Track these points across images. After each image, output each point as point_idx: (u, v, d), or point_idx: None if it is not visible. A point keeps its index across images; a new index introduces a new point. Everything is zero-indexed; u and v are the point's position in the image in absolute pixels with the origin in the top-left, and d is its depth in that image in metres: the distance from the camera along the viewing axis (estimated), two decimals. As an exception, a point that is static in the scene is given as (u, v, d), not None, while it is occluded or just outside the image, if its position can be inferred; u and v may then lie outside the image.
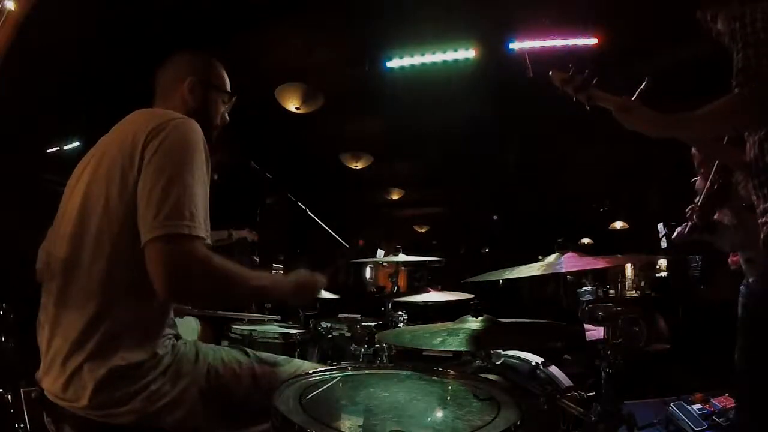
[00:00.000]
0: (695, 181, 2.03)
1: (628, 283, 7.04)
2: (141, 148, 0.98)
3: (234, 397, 1.10)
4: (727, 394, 2.66)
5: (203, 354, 1.12)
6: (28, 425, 1.87)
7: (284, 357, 1.27)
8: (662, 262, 6.12)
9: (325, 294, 2.66)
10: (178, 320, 1.26)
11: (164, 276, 0.90)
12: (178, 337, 1.13)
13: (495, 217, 9.39)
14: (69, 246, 1.02)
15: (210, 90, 1.22)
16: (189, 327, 2.19)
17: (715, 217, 1.93)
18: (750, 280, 1.65)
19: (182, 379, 1.04)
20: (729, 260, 2.17)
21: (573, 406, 1.19)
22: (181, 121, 1.03)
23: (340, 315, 2.74)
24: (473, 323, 1.32)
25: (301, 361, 1.34)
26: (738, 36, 1.16)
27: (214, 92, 1.23)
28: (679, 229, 2.26)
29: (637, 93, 1.35)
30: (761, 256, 1.29)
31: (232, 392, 1.10)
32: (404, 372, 1.15)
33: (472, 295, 2.19)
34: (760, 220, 1.23)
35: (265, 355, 1.23)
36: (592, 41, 3.76)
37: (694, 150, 1.92)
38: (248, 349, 1.22)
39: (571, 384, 1.64)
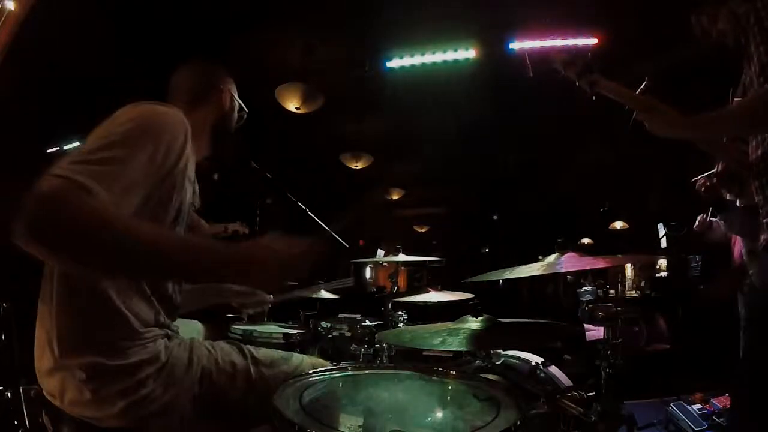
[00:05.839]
0: (696, 180, 2.03)
1: (628, 283, 7.04)
2: None
3: (228, 401, 1.09)
4: (727, 394, 2.66)
5: (197, 356, 1.09)
6: (27, 423, 1.87)
7: (282, 354, 1.25)
8: (662, 262, 6.12)
9: (325, 294, 2.65)
10: (180, 321, 1.23)
11: (25, 214, 0.73)
12: (171, 336, 1.10)
13: (495, 217, 9.39)
14: None
15: (233, 99, 1.43)
16: (193, 328, 2.17)
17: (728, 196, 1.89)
18: (751, 276, 1.64)
19: (174, 385, 1.02)
20: (734, 259, 2.18)
21: (573, 406, 1.19)
22: (158, 107, 1.02)
23: (340, 315, 2.73)
24: (473, 323, 1.31)
25: (301, 356, 1.30)
26: (756, 30, 1.14)
27: (235, 101, 1.44)
28: (700, 218, 2.22)
29: (638, 92, 1.35)
30: (762, 258, 1.28)
31: (227, 396, 1.09)
32: (404, 372, 1.14)
33: (472, 295, 2.19)
34: (763, 221, 1.21)
35: (262, 353, 1.21)
36: (592, 41, 3.75)
37: None
38: (246, 347, 1.20)
39: (571, 384, 1.64)
